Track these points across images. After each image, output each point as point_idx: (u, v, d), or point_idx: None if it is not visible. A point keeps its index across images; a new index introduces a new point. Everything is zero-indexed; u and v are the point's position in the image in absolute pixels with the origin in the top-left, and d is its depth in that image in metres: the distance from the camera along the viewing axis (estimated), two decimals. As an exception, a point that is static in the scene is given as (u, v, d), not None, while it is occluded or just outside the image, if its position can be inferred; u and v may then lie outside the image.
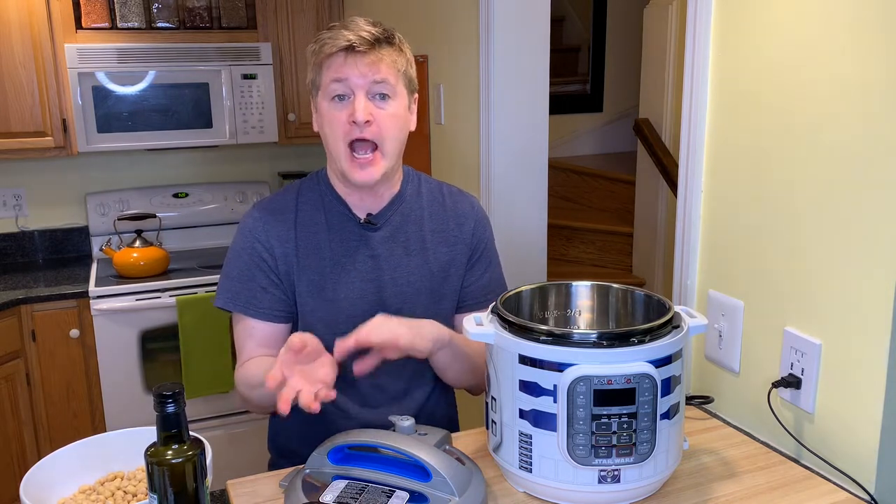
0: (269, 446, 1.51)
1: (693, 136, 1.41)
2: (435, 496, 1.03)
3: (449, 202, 1.42)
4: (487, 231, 1.45)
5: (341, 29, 1.25)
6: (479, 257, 1.42)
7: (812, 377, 1.19)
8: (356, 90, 1.24)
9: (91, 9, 2.91)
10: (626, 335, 1.03)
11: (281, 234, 1.34)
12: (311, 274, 1.33)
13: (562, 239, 3.70)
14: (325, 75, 1.26)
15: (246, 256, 1.34)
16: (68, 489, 1.16)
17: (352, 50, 1.23)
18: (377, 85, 1.25)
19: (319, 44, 1.26)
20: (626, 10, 4.50)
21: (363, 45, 1.23)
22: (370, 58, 1.23)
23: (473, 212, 1.44)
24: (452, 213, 1.41)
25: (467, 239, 1.41)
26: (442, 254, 1.39)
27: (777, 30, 1.21)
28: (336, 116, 1.26)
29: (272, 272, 1.33)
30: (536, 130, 2.26)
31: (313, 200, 1.37)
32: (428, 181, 1.44)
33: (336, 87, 1.25)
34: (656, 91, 3.32)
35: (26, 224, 3.19)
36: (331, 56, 1.25)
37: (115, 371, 2.80)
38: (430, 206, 1.40)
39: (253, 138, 3.13)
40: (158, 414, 0.91)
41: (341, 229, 1.35)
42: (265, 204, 1.38)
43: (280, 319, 1.34)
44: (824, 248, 1.16)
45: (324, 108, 1.27)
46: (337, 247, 1.34)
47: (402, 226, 1.37)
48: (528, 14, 2.16)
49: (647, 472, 1.06)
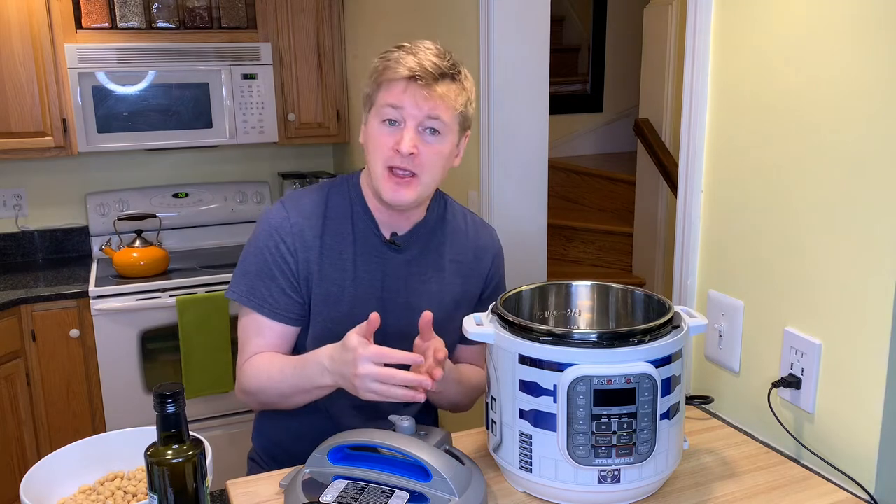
0: (254, 438, 1.50)
1: (693, 136, 1.41)
2: (435, 496, 1.03)
3: (472, 233, 1.43)
4: (503, 266, 1.47)
5: (409, 54, 1.24)
6: (491, 294, 1.44)
7: (812, 377, 1.19)
8: (408, 119, 1.24)
9: (91, 9, 2.91)
10: (626, 335, 1.03)
11: (307, 239, 1.32)
12: (330, 285, 1.32)
13: (562, 239, 3.70)
14: (382, 97, 1.25)
15: (268, 255, 1.32)
16: (68, 489, 1.16)
17: (414, 80, 1.22)
18: (430, 120, 1.24)
19: (384, 64, 1.25)
20: (626, 10, 4.50)
21: (426, 78, 1.22)
22: (429, 92, 1.22)
23: (493, 245, 1.45)
24: (473, 246, 1.42)
25: (484, 273, 1.42)
26: (456, 285, 1.39)
27: (777, 30, 1.21)
28: (383, 139, 1.25)
29: (293, 276, 1.32)
30: (536, 130, 2.26)
31: (342, 208, 1.35)
32: (452, 206, 1.44)
33: (389, 112, 1.24)
34: (656, 91, 3.32)
35: (26, 224, 3.19)
36: (393, 80, 1.24)
37: (115, 371, 2.80)
38: (452, 234, 1.41)
39: (253, 138, 3.13)
40: (158, 414, 0.91)
41: (366, 245, 1.34)
42: (294, 203, 1.35)
43: (293, 322, 1.33)
44: (824, 248, 1.16)
45: (373, 126, 1.27)
46: (361, 263, 1.34)
47: (424, 251, 1.37)
48: (528, 14, 2.16)
49: (647, 472, 1.06)
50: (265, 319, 1.32)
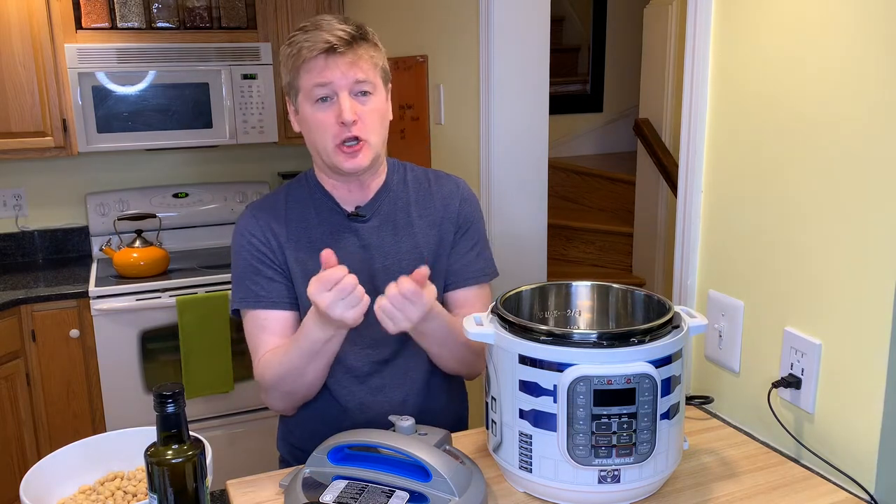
0: (280, 445, 1.51)
1: (693, 136, 1.41)
2: (435, 496, 1.03)
3: (434, 186, 1.44)
4: (476, 211, 1.45)
5: (315, 30, 1.26)
6: (465, 233, 1.43)
7: (812, 377, 1.19)
8: (339, 91, 1.26)
9: (91, 9, 2.91)
10: (626, 335, 1.03)
11: (274, 227, 1.37)
12: (306, 266, 1.35)
13: (562, 239, 3.70)
14: (306, 79, 1.27)
15: (246, 253, 1.36)
16: (68, 489, 1.16)
17: (332, 51, 1.25)
18: (359, 84, 1.27)
19: (296, 47, 1.28)
20: (626, 10, 4.50)
21: (342, 46, 1.25)
22: (350, 57, 1.26)
23: (458, 191, 1.45)
24: (438, 195, 1.43)
25: (453, 216, 1.42)
26: (431, 236, 1.40)
27: (777, 29, 1.21)
28: (323, 118, 1.28)
29: (273, 262, 1.36)
30: (536, 130, 2.26)
31: (302, 198, 1.40)
32: (413, 169, 1.46)
33: (319, 91, 1.27)
34: (656, 91, 3.32)
35: (26, 224, 3.19)
36: (311, 59, 1.26)
37: (115, 371, 2.80)
38: (416, 191, 1.42)
39: (253, 138, 3.13)
40: (158, 414, 0.91)
41: (331, 224, 1.37)
42: (256, 204, 1.42)
43: (288, 307, 1.36)
44: (825, 248, 1.16)
45: (307, 110, 1.29)
46: (328, 238, 1.36)
47: (391, 214, 1.39)
48: (528, 14, 2.16)
49: (647, 472, 1.06)
50: (263, 312, 1.35)
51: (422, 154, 2.64)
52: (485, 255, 1.45)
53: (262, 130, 3.14)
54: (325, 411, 1.39)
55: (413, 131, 2.71)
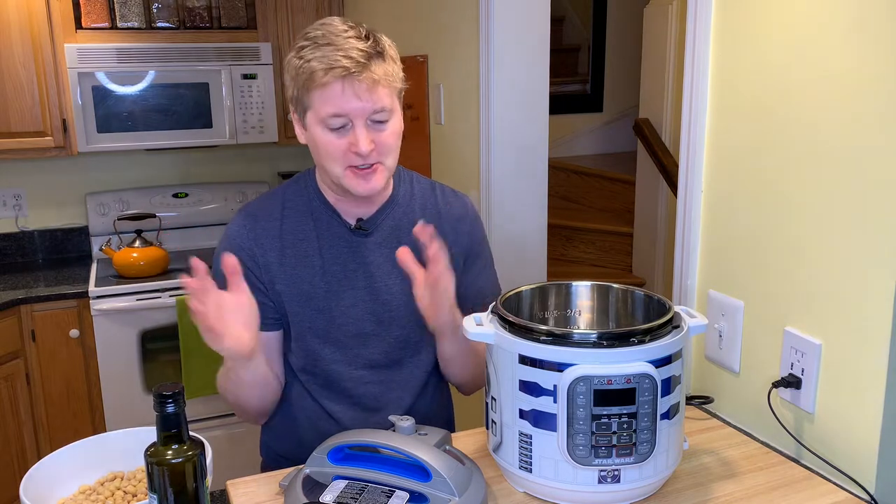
0: (262, 451, 1.50)
1: (693, 136, 1.41)
2: (435, 496, 1.03)
3: (442, 204, 1.39)
4: (481, 231, 1.43)
5: (328, 45, 1.17)
6: (476, 259, 1.40)
7: (812, 377, 1.19)
8: (355, 119, 1.19)
9: (91, 9, 2.91)
10: (626, 335, 1.03)
11: (265, 242, 1.30)
12: (301, 284, 1.30)
13: (562, 239, 3.70)
14: (320, 105, 1.19)
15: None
16: (68, 489, 1.16)
17: (348, 76, 1.16)
18: (377, 113, 1.20)
19: (308, 65, 1.17)
20: (626, 10, 4.50)
21: (359, 69, 1.16)
22: (367, 83, 1.17)
23: (468, 213, 1.40)
24: (447, 217, 1.38)
25: (464, 242, 1.38)
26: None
27: (777, 30, 1.21)
28: (335, 145, 1.21)
29: (257, 280, 1.30)
30: (536, 130, 2.26)
31: (300, 208, 1.33)
32: (419, 181, 1.41)
33: (335, 122, 1.19)
34: (656, 91, 3.32)
35: (26, 224, 3.19)
36: (326, 85, 1.17)
37: (115, 371, 2.80)
38: (423, 209, 1.37)
39: (253, 138, 3.13)
40: (158, 414, 0.91)
41: (331, 237, 1.31)
42: (250, 210, 1.34)
43: (268, 327, 1.31)
44: (824, 248, 1.16)
45: (318, 133, 1.21)
46: (328, 255, 1.31)
47: (396, 230, 1.33)
48: (528, 14, 2.16)
49: (647, 472, 1.06)
50: None
51: (422, 154, 2.64)
52: (492, 278, 1.44)
53: (262, 130, 3.14)
54: (316, 423, 1.38)
55: (413, 131, 2.71)
